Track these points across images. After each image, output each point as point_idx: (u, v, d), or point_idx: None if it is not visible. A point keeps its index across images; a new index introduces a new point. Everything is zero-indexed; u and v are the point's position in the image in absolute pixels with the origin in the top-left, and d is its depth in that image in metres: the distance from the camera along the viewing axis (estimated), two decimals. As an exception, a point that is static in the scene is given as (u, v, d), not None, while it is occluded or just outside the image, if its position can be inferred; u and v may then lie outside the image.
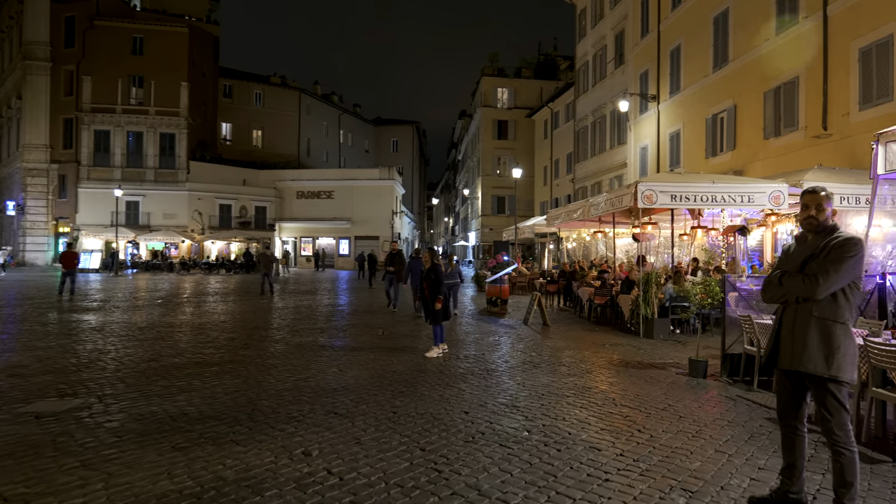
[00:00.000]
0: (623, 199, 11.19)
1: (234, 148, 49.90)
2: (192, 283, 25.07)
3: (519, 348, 8.84)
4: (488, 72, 48.50)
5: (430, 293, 7.86)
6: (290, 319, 12.05)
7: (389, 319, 12.46)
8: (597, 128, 32.12)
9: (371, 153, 66.49)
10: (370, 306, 15.64)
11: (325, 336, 9.71)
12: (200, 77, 43.21)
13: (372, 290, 22.28)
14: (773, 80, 17.29)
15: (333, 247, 45.09)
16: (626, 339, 10.22)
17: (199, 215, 40.25)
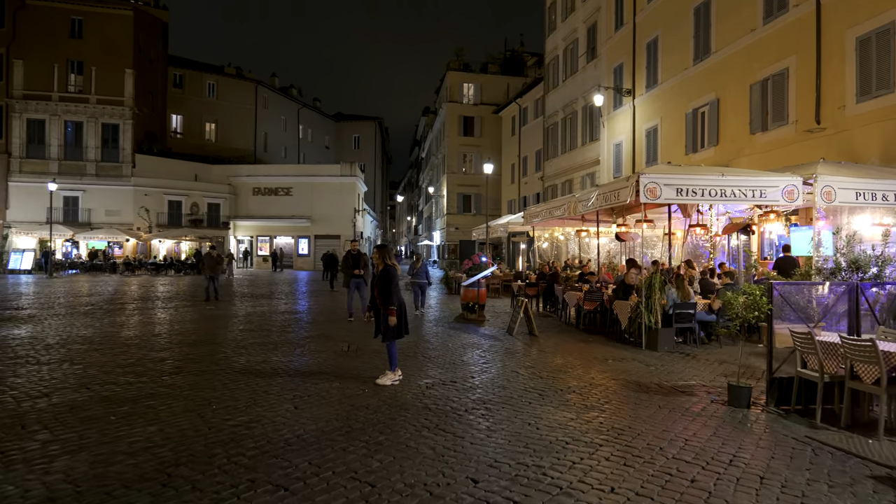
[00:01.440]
0: (620, 194, 9.94)
1: (185, 141, 47.10)
2: (135, 285, 22.83)
3: (512, 368, 7.44)
4: (454, 66, 47.15)
5: (382, 302, 6.31)
6: (238, 331, 10.35)
7: (355, 329, 10.90)
8: (567, 124, 31.12)
9: (332, 149, 64.26)
10: (333, 313, 14.01)
11: (279, 354, 8.10)
12: (147, 65, 40.42)
13: (334, 293, 20.58)
14: (760, 71, 16.44)
15: (292, 246, 42.94)
16: (628, 351, 8.96)
17: (146, 212, 37.55)
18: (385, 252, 6.44)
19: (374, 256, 6.45)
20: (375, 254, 6.46)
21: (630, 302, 9.90)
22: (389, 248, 6.67)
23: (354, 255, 12.09)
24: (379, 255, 6.40)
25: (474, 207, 46.59)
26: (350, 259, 12.04)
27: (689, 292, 9.46)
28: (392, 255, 6.45)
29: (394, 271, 6.22)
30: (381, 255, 6.40)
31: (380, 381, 6.31)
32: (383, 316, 6.29)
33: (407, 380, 6.52)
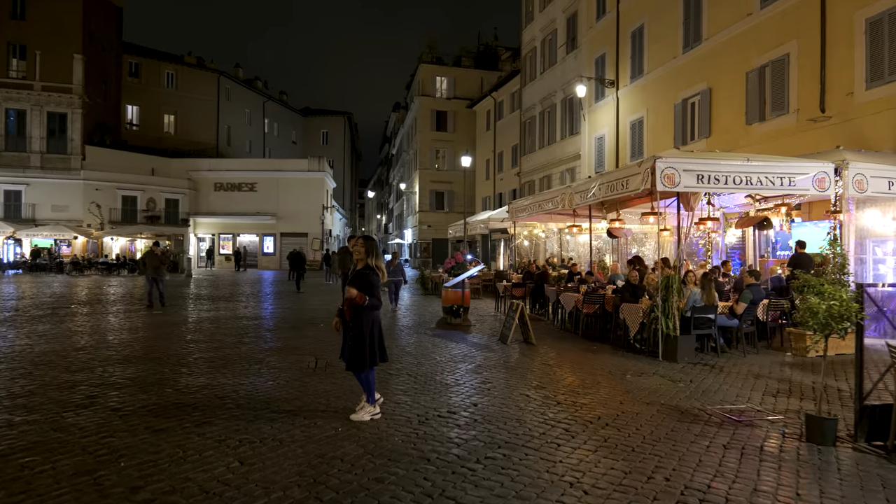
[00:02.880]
0: (629, 182, 8.70)
1: (142, 134, 44.49)
2: (79, 287, 20.75)
3: (520, 389, 6.08)
4: (426, 59, 45.69)
5: (352, 314, 4.83)
6: (183, 343, 8.73)
7: (325, 338, 9.40)
8: (546, 118, 30.03)
9: (299, 145, 62.05)
10: (298, 318, 12.46)
11: (230, 374, 6.56)
12: (99, 51, 37.81)
13: (300, 295, 18.95)
14: (758, 58, 15.49)
15: (256, 245, 40.86)
16: (643, 362, 7.72)
17: (97, 208, 35.06)
18: (372, 248, 4.91)
19: (354, 249, 4.91)
20: (358, 246, 4.89)
21: (641, 305, 8.67)
22: (376, 243, 5.08)
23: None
24: (364, 250, 4.86)
25: (447, 205, 45.25)
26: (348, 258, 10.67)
27: (715, 295, 8.27)
28: (380, 254, 5.00)
29: (377, 278, 4.81)
30: (368, 250, 4.87)
31: (356, 417, 4.87)
32: (352, 333, 4.83)
33: (392, 411, 5.10)
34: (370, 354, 4.83)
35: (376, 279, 4.79)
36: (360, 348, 4.78)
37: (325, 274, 28.24)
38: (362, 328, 4.76)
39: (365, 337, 4.78)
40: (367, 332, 4.79)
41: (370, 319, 4.82)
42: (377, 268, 4.81)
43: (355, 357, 4.81)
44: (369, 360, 4.84)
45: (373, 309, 4.79)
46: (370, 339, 4.82)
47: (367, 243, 4.87)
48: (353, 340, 4.79)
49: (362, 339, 4.77)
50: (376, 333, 4.89)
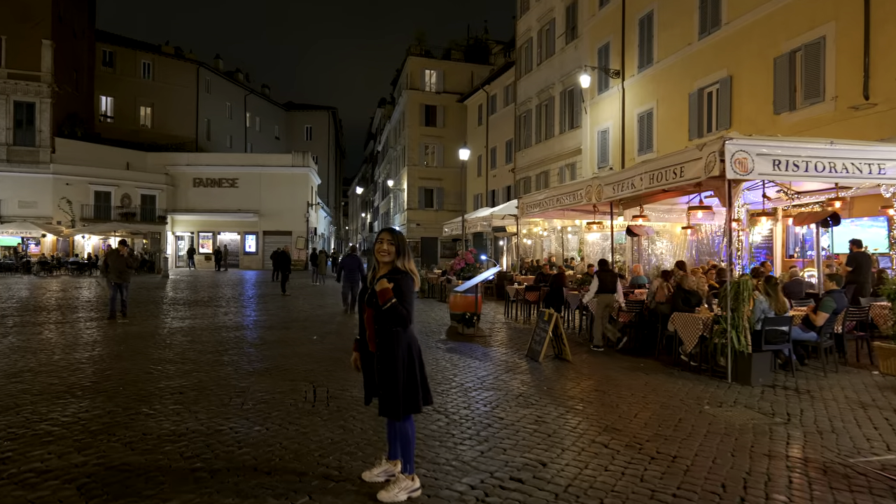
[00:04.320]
0: (686, 169, 7.34)
1: (116, 126, 42.30)
2: (42, 289, 18.95)
3: (589, 435, 4.60)
4: (415, 51, 44.13)
5: (381, 341, 3.35)
6: (146, 366, 6.99)
7: (324, 355, 7.91)
8: (543, 111, 28.72)
9: (282, 140, 60.05)
10: (287, 327, 10.92)
11: (201, 415, 4.88)
12: (70, 37, 35.65)
13: (286, 297, 17.36)
14: (787, 42, 14.29)
15: (238, 243, 38.98)
16: (708, 384, 6.42)
17: (68, 204, 32.96)
18: (403, 245, 3.39)
19: (379, 247, 3.38)
20: (384, 243, 3.35)
21: (700, 315, 7.31)
22: (403, 238, 3.50)
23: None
24: (394, 248, 3.35)
25: (437, 202, 43.76)
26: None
27: (785, 302, 6.94)
28: (411, 253, 3.54)
29: (411, 284, 3.34)
30: (399, 247, 3.36)
31: (387, 498, 3.32)
32: (381, 366, 3.34)
33: (433, 481, 3.61)
34: (409, 394, 3.33)
35: (411, 286, 3.35)
36: (392, 385, 3.31)
37: (311, 275, 26.62)
38: (395, 358, 3.32)
39: (399, 370, 3.32)
40: (402, 362, 3.33)
41: (405, 343, 3.36)
42: (409, 271, 3.36)
43: (388, 398, 3.33)
44: (408, 402, 3.33)
45: (405, 328, 3.34)
46: (408, 371, 3.35)
47: (396, 238, 3.40)
48: (385, 375, 3.33)
49: (395, 373, 3.31)
50: (417, 363, 3.42)
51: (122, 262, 11.65)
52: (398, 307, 3.24)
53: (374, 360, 3.39)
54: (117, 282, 11.59)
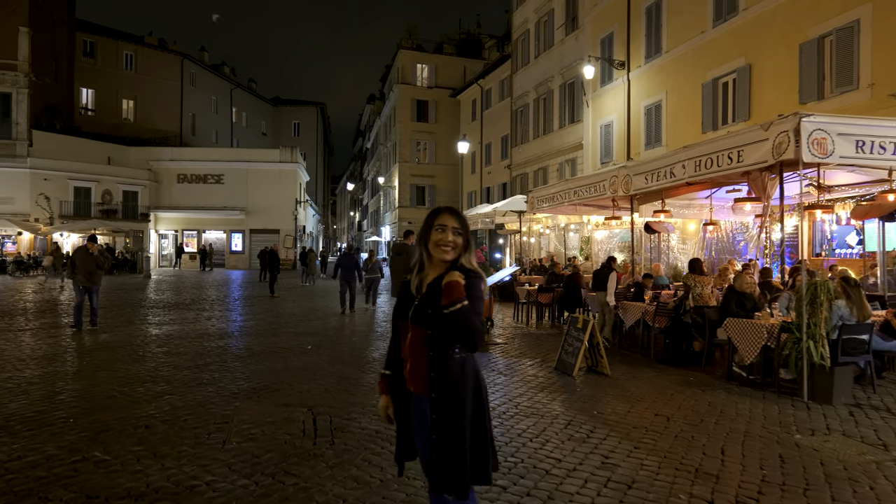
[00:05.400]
0: (746, 153, 6.34)
1: (97, 120, 40.67)
2: (13, 291, 17.60)
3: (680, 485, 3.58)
4: (406, 45, 42.96)
5: (436, 370, 2.17)
6: (109, 387, 5.72)
7: (317, 369, 6.79)
8: (541, 105, 27.72)
9: (269, 136, 58.55)
10: (276, 333, 9.78)
11: (170, 462, 3.74)
12: (49, 26, 34.05)
13: (275, 299, 16.18)
14: (815, 27, 13.39)
15: (224, 242, 37.58)
16: (781, 404, 5.41)
17: (46, 200, 31.36)
18: (469, 234, 2.30)
19: (441, 240, 2.23)
20: (447, 233, 2.23)
21: (762, 322, 6.30)
22: (468, 224, 2.35)
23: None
24: (461, 239, 2.26)
25: (428, 200, 42.63)
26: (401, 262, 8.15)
27: (869, 308, 5.95)
28: (475, 258, 2.45)
29: (481, 286, 2.20)
30: (467, 239, 2.27)
31: None
32: (437, 415, 2.18)
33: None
34: (478, 458, 2.21)
35: (482, 293, 2.23)
36: (455, 445, 2.15)
37: (301, 275, 25.41)
38: (460, 401, 2.18)
39: (466, 421, 2.18)
40: (469, 407, 2.20)
41: (473, 377, 2.24)
42: (477, 276, 2.27)
43: (448, 466, 2.16)
44: (476, 470, 2.20)
45: (473, 350, 2.24)
46: (477, 422, 2.22)
47: (464, 225, 2.30)
48: (443, 429, 2.18)
49: (459, 426, 2.17)
50: (487, 408, 2.30)
51: (91, 261, 9.82)
52: (469, 315, 2.10)
53: (417, 405, 2.29)
54: (85, 285, 9.77)
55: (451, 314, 2.10)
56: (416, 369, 2.25)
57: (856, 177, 9.54)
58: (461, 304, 2.10)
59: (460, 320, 2.10)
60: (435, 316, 2.16)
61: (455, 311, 2.09)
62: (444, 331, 2.15)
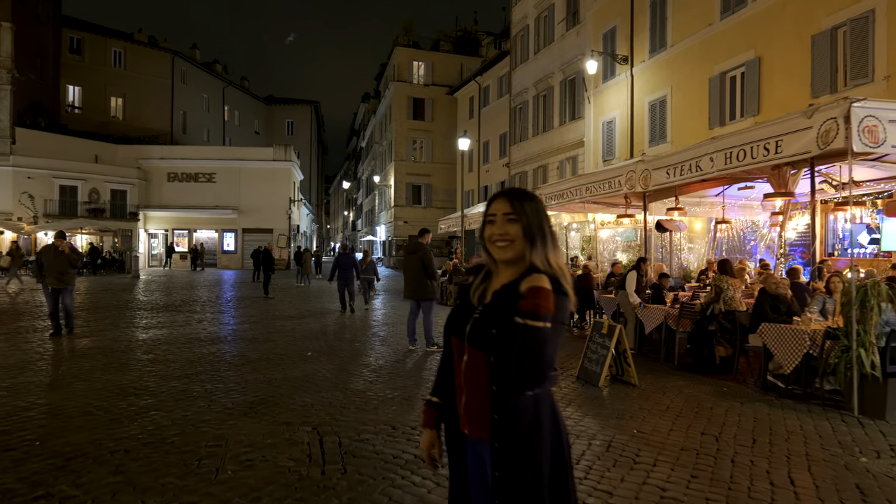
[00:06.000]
0: (786, 143, 5.83)
1: (85, 118, 39.81)
2: (-8, 292, 16.88)
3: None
4: (402, 42, 42.35)
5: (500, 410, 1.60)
6: (83, 403, 5.06)
7: (318, 378, 6.22)
8: (541, 102, 27.23)
9: (262, 135, 57.74)
10: (271, 338, 9.19)
11: (148, 500, 3.13)
12: (33, 21, 33.22)
13: (269, 301, 15.57)
14: (827, 18, 12.95)
15: (216, 241, 36.83)
16: (831, 419, 4.93)
17: (30, 199, 30.58)
18: (534, 220, 1.66)
19: (490, 234, 1.68)
20: (497, 218, 1.68)
21: (802, 327, 5.79)
22: (539, 207, 1.71)
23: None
24: (518, 228, 1.65)
25: (424, 199, 42.06)
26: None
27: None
28: (556, 239, 1.73)
29: (566, 301, 1.60)
30: (526, 226, 1.65)
31: None
32: (509, 474, 1.59)
33: None
34: None
35: (565, 306, 1.64)
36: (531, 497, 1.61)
37: (296, 275, 24.78)
38: (533, 453, 1.60)
39: (543, 477, 1.60)
40: (546, 460, 1.62)
41: (549, 418, 1.65)
42: (563, 289, 1.68)
43: None
44: None
45: (549, 383, 1.64)
46: (558, 477, 1.65)
47: (523, 207, 1.68)
48: (511, 488, 1.59)
49: (535, 485, 1.59)
50: (568, 464, 1.70)
51: (62, 260, 8.78)
52: (547, 341, 1.53)
53: (475, 452, 1.73)
54: (56, 287, 8.75)
55: (525, 329, 1.51)
56: (473, 405, 1.69)
57: (875, 172, 9.12)
58: (545, 322, 1.51)
59: (533, 343, 1.51)
60: (501, 337, 1.59)
61: (532, 327, 1.51)
62: (506, 358, 1.58)
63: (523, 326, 1.52)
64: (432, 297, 7.82)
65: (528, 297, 1.54)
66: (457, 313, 1.78)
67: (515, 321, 1.54)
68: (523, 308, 1.53)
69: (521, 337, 1.52)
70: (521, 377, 1.54)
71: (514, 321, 1.55)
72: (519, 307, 1.55)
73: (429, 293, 7.74)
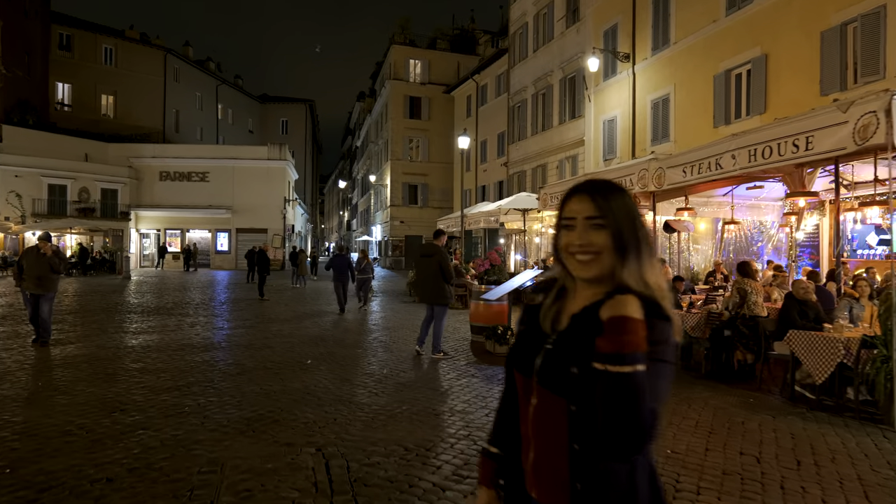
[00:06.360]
0: (818, 139, 5.52)
1: (75, 115, 39.17)
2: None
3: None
4: (399, 40, 41.91)
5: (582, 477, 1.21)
6: (59, 417, 4.71)
7: (320, 392, 5.82)
8: (540, 101, 26.90)
9: (256, 133, 57.15)
10: (268, 344, 8.77)
11: None
12: (21, 16, 32.60)
13: (265, 303, 15.13)
14: (837, 14, 12.66)
15: (209, 241, 36.29)
16: (873, 435, 4.59)
17: (17, 198, 29.94)
18: (624, 223, 1.23)
19: (567, 243, 1.27)
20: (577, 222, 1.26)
21: (835, 335, 5.44)
22: (630, 205, 1.27)
23: None
24: (606, 236, 1.22)
25: (421, 199, 41.65)
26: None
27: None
28: (653, 249, 1.29)
29: (669, 329, 1.20)
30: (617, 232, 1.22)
31: None
32: None
33: None
34: None
35: (670, 338, 1.20)
36: None
37: (291, 276, 24.33)
38: None
39: None
40: None
41: (643, 487, 1.21)
42: (663, 313, 1.27)
43: None
44: None
45: (648, 445, 1.18)
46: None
47: (611, 208, 1.24)
48: None
49: None
50: None
51: (42, 264, 8.05)
52: (641, 389, 1.10)
53: None
54: (34, 292, 8.02)
55: (608, 378, 1.12)
56: (544, 464, 1.29)
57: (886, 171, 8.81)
58: (635, 365, 1.12)
59: (622, 396, 1.11)
60: (584, 379, 1.18)
61: (617, 374, 1.11)
62: (588, 408, 1.18)
63: (605, 374, 1.12)
64: (446, 303, 7.45)
65: (609, 332, 1.14)
66: (523, 342, 1.38)
67: (594, 367, 1.15)
68: (602, 348, 1.14)
69: (604, 388, 1.12)
70: (609, 440, 1.13)
71: (593, 367, 1.16)
72: (596, 347, 1.15)
73: (443, 298, 7.38)
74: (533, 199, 16.49)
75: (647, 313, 1.18)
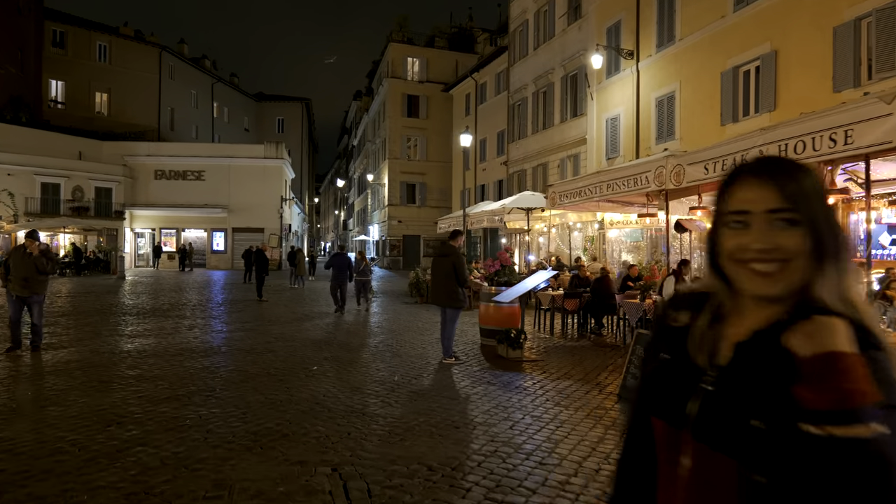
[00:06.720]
0: (858, 133, 5.19)
1: (68, 113, 38.62)
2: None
3: None
4: (397, 38, 41.54)
5: None
6: (47, 432, 4.37)
7: (330, 402, 5.47)
8: (540, 99, 26.58)
9: (252, 132, 56.66)
10: (270, 349, 8.41)
11: None
12: (13, 12, 32.07)
13: (264, 304, 14.76)
14: (850, 9, 12.39)
15: (205, 241, 35.82)
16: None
17: (10, 197, 29.44)
18: (820, 226, 0.87)
19: (740, 246, 0.90)
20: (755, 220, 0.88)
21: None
22: (817, 188, 0.90)
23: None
24: (815, 247, 0.87)
25: (419, 198, 41.28)
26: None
27: None
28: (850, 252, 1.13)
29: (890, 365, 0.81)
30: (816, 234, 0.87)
31: None
32: None
33: None
34: None
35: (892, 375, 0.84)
36: None
37: (289, 276, 23.94)
38: None
39: None
40: None
41: None
42: (873, 328, 0.86)
43: None
44: None
45: None
46: None
47: (796, 189, 0.88)
48: None
49: None
50: None
51: (28, 264, 7.54)
52: (882, 454, 0.73)
53: None
54: (20, 294, 7.58)
55: (834, 445, 0.76)
56: None
57: None
58: (871, 425, 0.75)
59: (861, 470, 0.75)
60: (772, 437, 0.82)
61: (851, 441, 0.75)
62: (795, 482, 0.79)
63: (825, 441, 0.77)
64: (460, 306, 7.14)
65: (817, 376, 0.80)
66: (662, 378, 1.03)
67: (803, 431, 0.79)
68: (811, 402, 0.78)
69: (824, 463, 0.76)
70: None
71: (797, 429, 0.80)
72: (800, 399, 0.79)
73: (457, 301, 7.07)
74: (537, 197, 16.18)
75: (861, 344, 0.84)
